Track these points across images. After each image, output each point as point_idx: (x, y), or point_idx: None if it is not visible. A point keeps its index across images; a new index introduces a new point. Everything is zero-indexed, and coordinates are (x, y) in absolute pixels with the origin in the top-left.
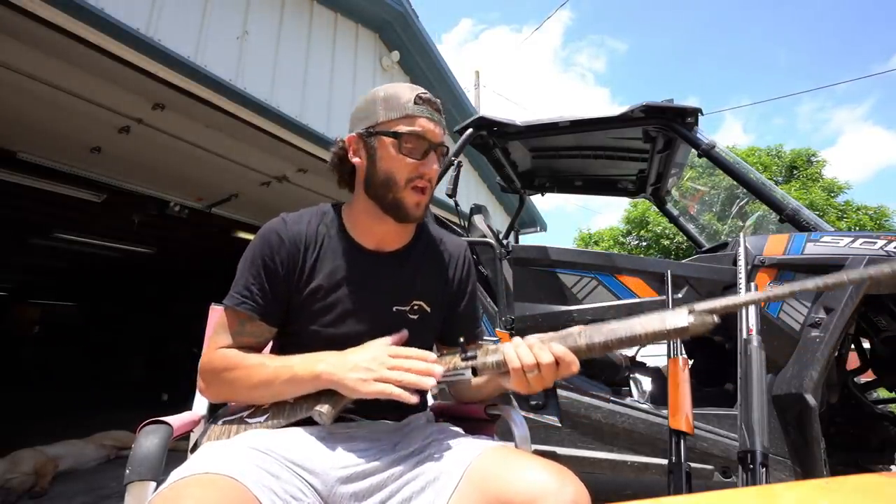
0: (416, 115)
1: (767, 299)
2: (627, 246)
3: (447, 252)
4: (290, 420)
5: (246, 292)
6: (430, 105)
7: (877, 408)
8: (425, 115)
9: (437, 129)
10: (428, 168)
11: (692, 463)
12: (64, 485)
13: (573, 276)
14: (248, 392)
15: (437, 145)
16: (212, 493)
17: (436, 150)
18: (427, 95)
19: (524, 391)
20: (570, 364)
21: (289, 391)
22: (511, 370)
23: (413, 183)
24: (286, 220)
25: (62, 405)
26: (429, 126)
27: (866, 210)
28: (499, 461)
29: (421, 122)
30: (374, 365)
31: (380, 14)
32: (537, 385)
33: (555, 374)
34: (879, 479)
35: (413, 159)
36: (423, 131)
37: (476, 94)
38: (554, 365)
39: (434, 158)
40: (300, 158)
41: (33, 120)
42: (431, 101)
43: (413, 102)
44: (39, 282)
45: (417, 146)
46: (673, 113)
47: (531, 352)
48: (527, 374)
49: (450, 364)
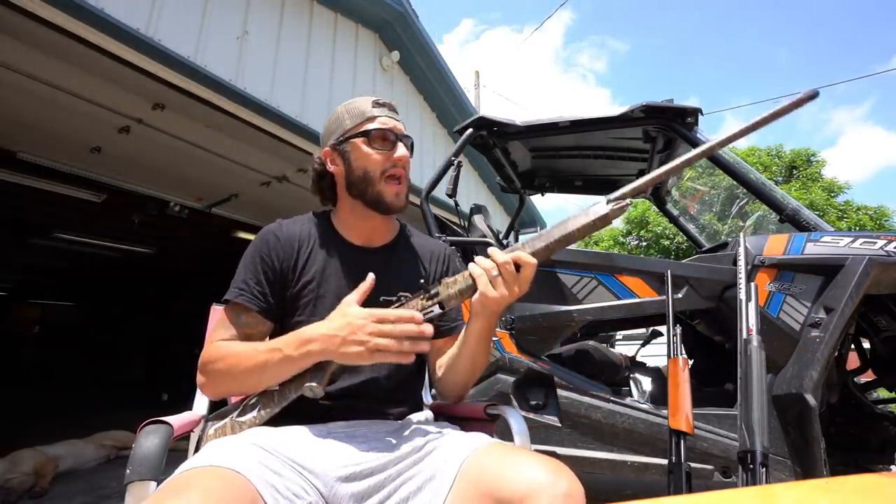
0: (377, 114)
1: (667, 172)
2: (627, 246)
3: (429, 249)
4: (280, 405)
5: (244, 286)
6: (386, 107)
7: (877, 408)
8: (384, 114)
9: (398, 123)
10: (399, 155)
11: (692, 463)
12: (64, 485)
13: (573, 276)
14: (243, 379)
15: (402, 136)
16: (217, 482)
17: (402, 140)
18: (383, 100)
19: (494, 304)
20: (527, 263)
21: (284, 372)
22: (475, 278)
23: (388, 172)
24: (282, 224)
25: (62, 405)
26: (390, 122)
27: (866, 210)
28: (493, 457)
29: (382, 119)
30: (364, 336)
31: (380, 14)
32: (503, 289)
33: (515, 278)
34: (879, 479)
35: (384, 151)
36: (387, 126)
37: (476, 94)
38: (512, 265)
39: (402, 146)
40: (300, 158)
41: (33, 120)
42: (387, 104)
43: (371, 106)
44: (39, 282)
45: (385, 139)
46: (673, 113)
47: (488, 257)
48: (491, 279)
49: (416, 306)
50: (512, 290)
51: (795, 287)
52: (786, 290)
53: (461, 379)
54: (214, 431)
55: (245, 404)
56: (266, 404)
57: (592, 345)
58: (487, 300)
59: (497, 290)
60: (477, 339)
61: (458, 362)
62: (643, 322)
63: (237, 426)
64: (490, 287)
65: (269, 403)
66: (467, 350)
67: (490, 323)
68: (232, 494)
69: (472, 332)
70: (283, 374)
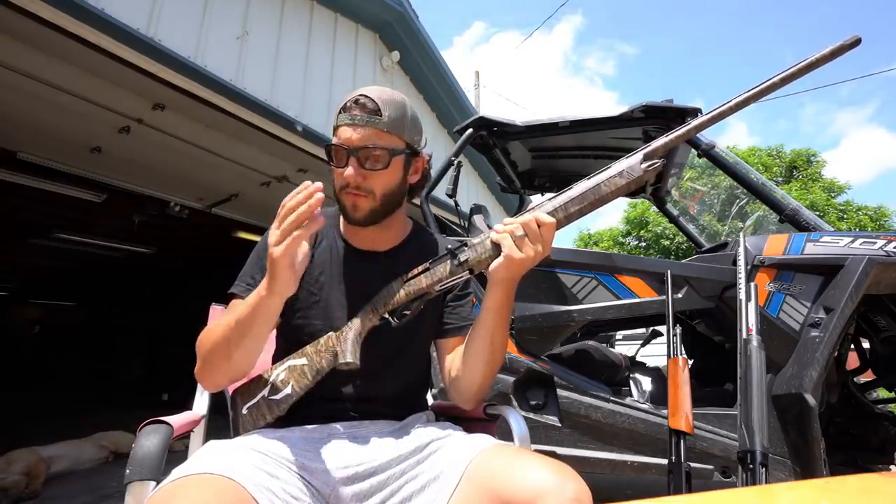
0: (339, 124)
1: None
2: (627, 246)
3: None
4: (315, 379)
5: (251, 280)
6: (354, 109)
7: (877, 408)
8: (345, 123)
9: (357, 132)
10: (348, 174)
11: (692, 463)
12: (64, 485)
13: (573, 276)
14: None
15: (356, 150)
16: (207, 493)
17: (357, 157)
18: (359, 99)
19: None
20: (546, 223)
21: (257, 323)
22: (499, 240)
23: (344, 190)
24: None
25: (62, 405)
26: (346, 134)
27: (866, 210)
28: (500, 459)
29: (340, 131)
30: (274, 236)
31: (380, 14)
32: (529, 249)
33: (538, 236)
34: (879, 479)
35: (338, 168)
36: (340, 141)
37: (476, 94)
38: (535, 223)
39: (353, 164)
40: (300, 158)
41: (33, 120)
42: (356, 103)
43: (340, 111)
44: (39, 282)
45: (339, 155)
46: (673, 113)
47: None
48: (515, 239)
49: (444, 272)
50: (537, 250)
51: (795, 287)
52: (786, 290)
53: (479, 371)
54: (248, 411)
55: (273, 382)
56: (298, 380)
57: (592, 345)
58: (512, 263)
59: (523, 250)
60: (495, 314)
61: (476, 349)
62: (643, 322)
63: (273, 405)
64: (515, 248)
65: (301, 379)
66: (486, 330)
67: (510, 294)
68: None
69: (491, 305)
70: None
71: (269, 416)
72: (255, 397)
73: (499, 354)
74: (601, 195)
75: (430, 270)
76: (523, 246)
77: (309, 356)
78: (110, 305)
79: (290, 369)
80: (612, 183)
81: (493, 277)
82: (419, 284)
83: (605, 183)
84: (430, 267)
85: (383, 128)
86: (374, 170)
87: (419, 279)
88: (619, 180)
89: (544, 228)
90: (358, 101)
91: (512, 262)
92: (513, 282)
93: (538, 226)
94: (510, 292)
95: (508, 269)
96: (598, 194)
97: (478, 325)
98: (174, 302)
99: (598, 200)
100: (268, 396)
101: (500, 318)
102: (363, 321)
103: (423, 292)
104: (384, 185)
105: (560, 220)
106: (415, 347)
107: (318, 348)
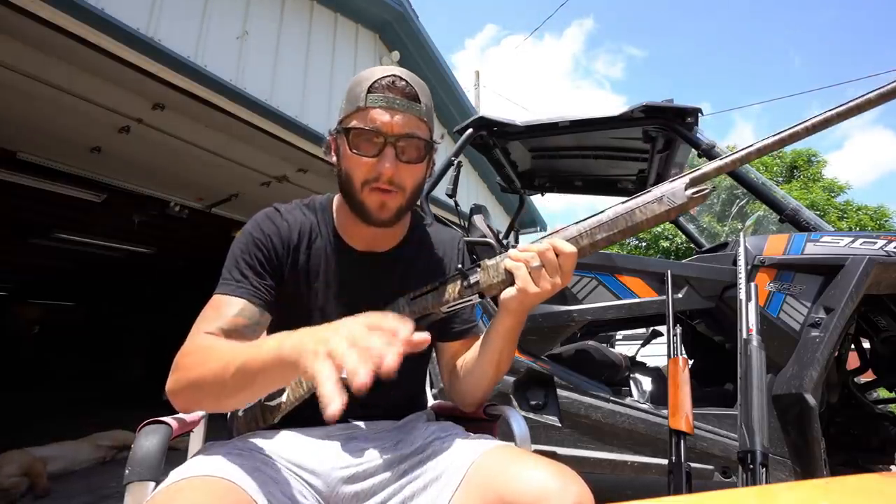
0: (370, 106)
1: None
2: (627, 246)
3: (441, 248)
4: (309, 392)
5: (240, 278)
6: (390, 90)
7: (877, 408)
8: (379, 105)
9: (395, 118)
10: (383, 167)
11: (692, 463)
12: (64, 485)
13: (573, 276)
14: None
15: (395, 138)
16: (207, 496)
17: (395, 145)
18: (388, 79)
19: (532, 300)
20: (566, 254)
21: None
22: (512, 270)
23: (371, 185)
24: (280, 210)
25: (62, 405)
26: (383, 118)
27: (867, 210)
28: (501, 461)
29: (373, 113)
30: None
31: (380, 14)
32: (546, 283)
33: (557, 268)
34: (879, 479)
35: (367, 157)
36: (375, 125)
37: (476, 94)
38: (553, 253)
39: (390, 155)
40: (300, 158)
41: (33, 120)
42: (393, 85)
43: (367, 91)
44: (39, 282)
45: (370, 142)
46: (673, 113)
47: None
48: (531, 270)
49: (452, 294)
50: (554, 283)
51: (795, 287)
52: (786, 289)
53: (483, 384)
54: (244, 414)
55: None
56: (294, 389)
57: (592, 345)
58: (526, 297)
59: (539, 284)
60: (505, 338)
61: (481, 365)
62: (643, 322)
63: (267, 411)
64: (530, 281)
65: (297, 389)
66: (493, 350)
67: (521, 320)
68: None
69: (499, 331)
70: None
71: (261, 422)
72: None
73: (505, 367)
74: (635, 223)
75: (437, 290)
76: (539, 280)
77: None
78: (110, 305)
79: None
80: (648, 209)
81: (504, 306)
82: (425, 304)
83: (642, 209)
84: (437, 287)
85: (423, 116)
86: (411, 162)
87: (425, 298)
88: (657, 207)
89: (563, 258)
90: (395, 82)
91: (526, 296)
92: (526, 311)
93: (556, 254)
94: (522, 319)
95: (521, 303)
96: (631, 221)
97: (485, 345)
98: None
99: (629, 228)
100: (264, 401)
101: (509, 341)
102: None
103: (429, 313)
104: (415, 182)
105: (584, 247)
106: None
107: None
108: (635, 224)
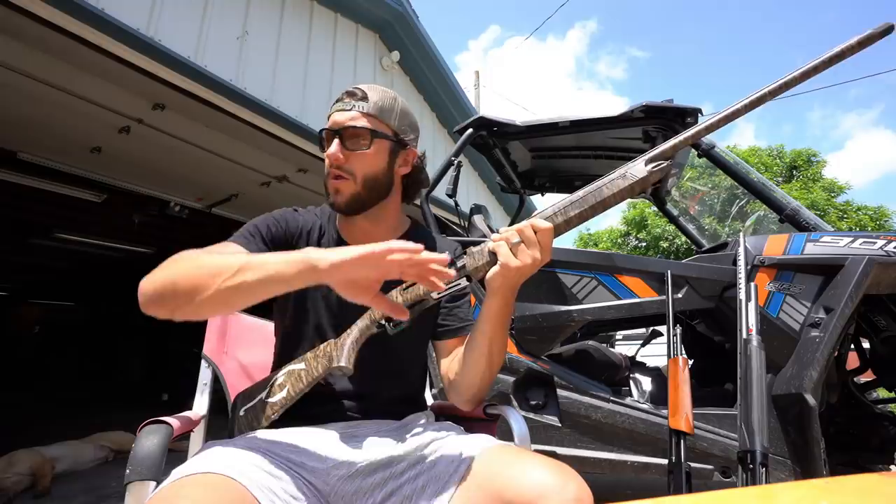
0: (330, 113)
1: (707, 130)
2: (626, 247)
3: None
4: (310, 385)
5: (249, 236)
6: (346, 96)
7: (877, 408)
8: (335, 110)
9: (342, 115)
10: (329, 153)
11: (692, 463)
12: (64, 485)
13: (573, 276)
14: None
15: (341, 129)
16: (209, 493)
17: (340, 135)
18: (349, 89)
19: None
20: (543, 229)
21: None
22: (495, 248)
23: (329, 176)
24: (298, 210)
25: (62, 405)
26: (335, 118)
27: (866, 210)
28: (501, 459)
29: (331, 117)
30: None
31: (380, 14)
32: (525, 256)
33: (535, 243)
34: (879, 479)
35: (326, 151)
36: (329, 123)
37: (476, 94)
38: (531, 229)
39: (336, 143)
40: (300, 158)
41: (33, 120)
42: (350, 91)
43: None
44: (39, 282)
45: (327, 139)
46: (672, 113)
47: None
48: (511, 246)
49: None
50: (534, 257)
51: (795, 287)
52: (785, 289)
53: (477, 379)
54: (245, 412)
55: (272, 385)
56: (294, 384)
57: (592, 345)
58: (508, 271)
59: (519, 257)
60: (494, 322)
61: (473, 356)
62: (643, 322)
63: (268, 407)
64: (511, 256)
65: (297, 384)
66: (483, 336)
67: (508, 301)
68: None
69: (488, 314)
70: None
71: (263, 419)
72: (254, 399)
73: (497, 358)
74: (602, 198)
75: None
76: (519, 253)
77: (307, 361)
78: (110, 305)
79: (289, 374)
80: (614, 185)
81: (490, 286)
82: (417, 292)
83: (608, 185)
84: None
85: (368, 110)
86: (356, 149)
87: (417, 287)
88: (621, 182)
89: (541, 234)
90: (348, 90)
91: (508, 270)
92: (511, 290)
93: (534, 231)
94: (509, 300)
95: (505, 277)
96: (598, 197)
97: (476, 332)
98: None
99: (599, 204)
100: (265, 399)
101: (498, 326)
102: (361, 328)
103: (421, 299)
104: (365, 168)
105: (559, 224)
106: (413, 349)
107: (317, 353)
108: (603, 199)
